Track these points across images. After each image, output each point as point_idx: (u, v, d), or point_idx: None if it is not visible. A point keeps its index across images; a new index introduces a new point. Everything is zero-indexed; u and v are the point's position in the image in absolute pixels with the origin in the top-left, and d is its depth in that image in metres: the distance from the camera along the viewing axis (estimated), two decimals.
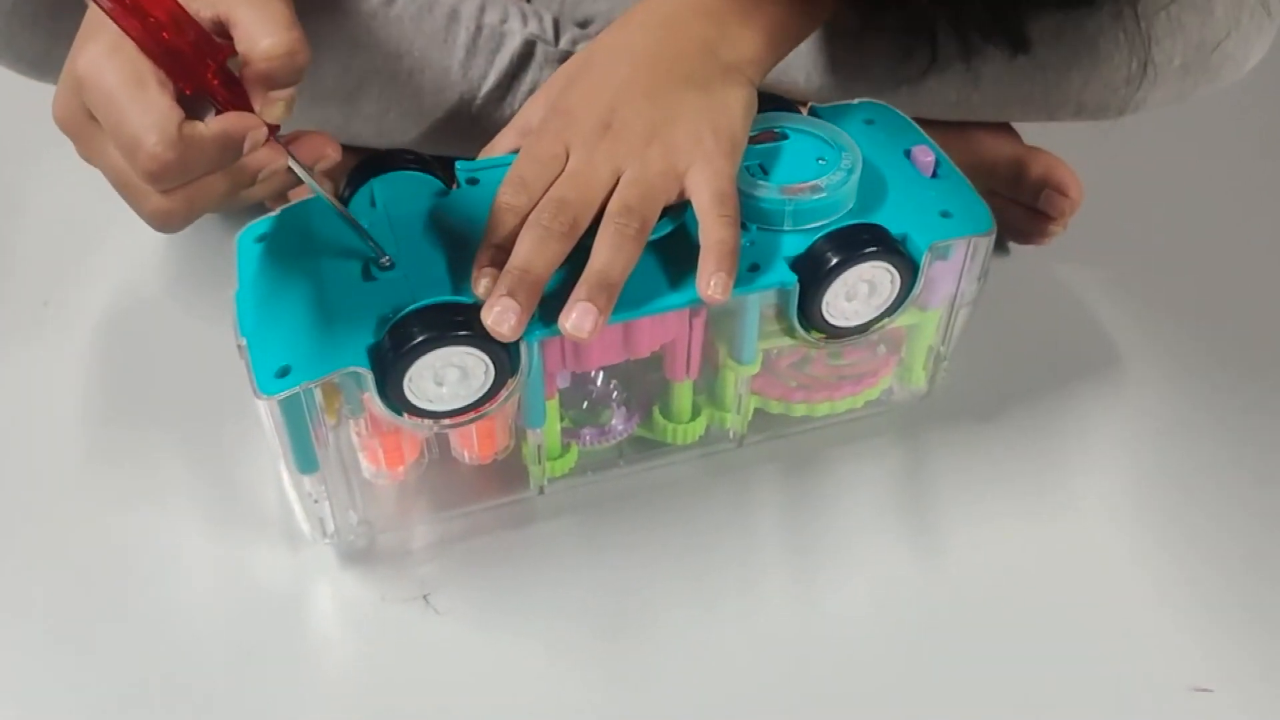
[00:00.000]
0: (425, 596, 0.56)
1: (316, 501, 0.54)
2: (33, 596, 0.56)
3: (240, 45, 0.42)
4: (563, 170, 0.51)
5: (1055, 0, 0.59)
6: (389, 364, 0.48)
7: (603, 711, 0.52)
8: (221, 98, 0.43)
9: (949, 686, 0.53)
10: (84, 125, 0.43)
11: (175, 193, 0.42)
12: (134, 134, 0.40)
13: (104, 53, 0.41)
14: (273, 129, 0.44)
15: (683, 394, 0.59)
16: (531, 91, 0.66)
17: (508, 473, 0.58)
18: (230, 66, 0.44)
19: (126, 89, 0.41)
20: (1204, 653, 0.55)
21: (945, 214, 0.56)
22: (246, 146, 0.43)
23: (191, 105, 0.42)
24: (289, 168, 0.46)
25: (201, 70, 0.43)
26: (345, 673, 0.54)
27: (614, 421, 0.60)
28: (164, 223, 0.43)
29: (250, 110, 0.43)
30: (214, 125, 0.42)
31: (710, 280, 0.49)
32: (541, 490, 0.59)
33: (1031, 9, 0.58)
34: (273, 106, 0.43)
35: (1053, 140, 0.73)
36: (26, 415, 0.65)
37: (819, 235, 0.53)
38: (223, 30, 0.43)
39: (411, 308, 0.49)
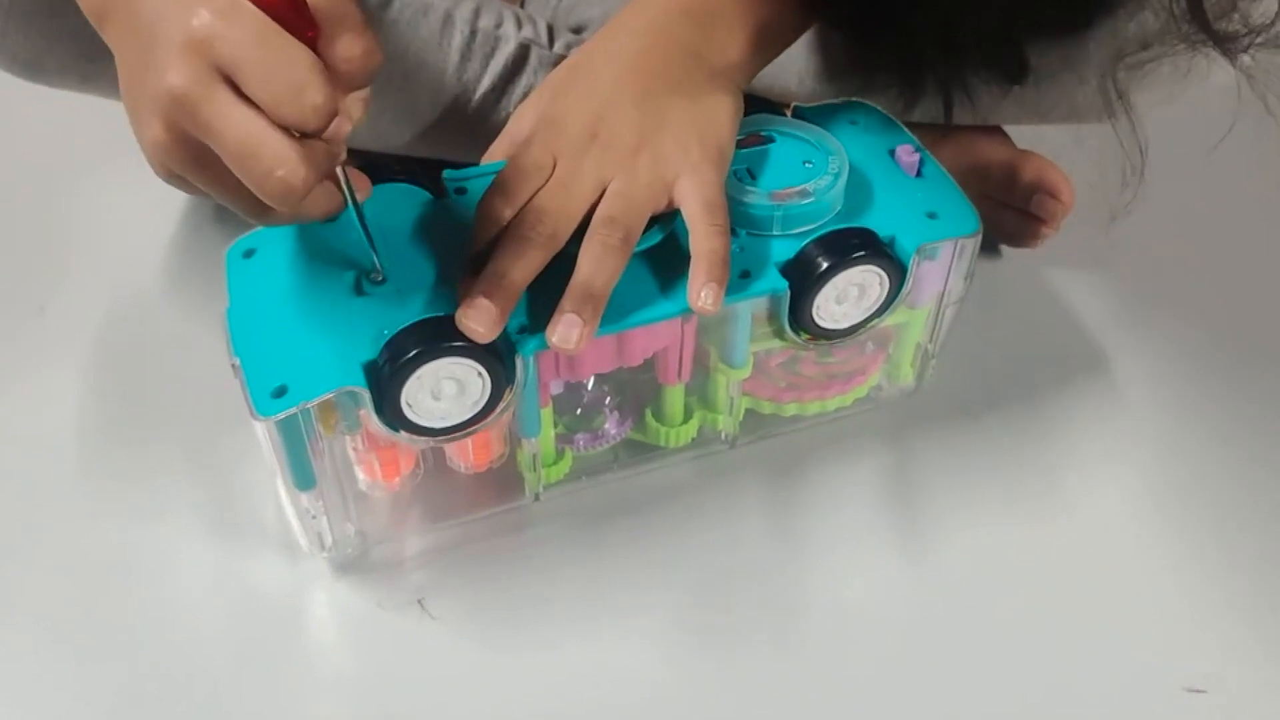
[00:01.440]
0: (421, 602, 0.56)
1: (314, 517, 0.54)
2: (29, 607, 0.56)
3: (322, 45, 0.41)
4: (548, 180, 0.52)
5: (1053, 31, 0.59)
6: (385, 379, 0.48)
7: (599, 715, 0.53)
8: None
9: (942, 686, 0.54)
10: (209, 88, 0.39)
11: (305, 151, 0.40)
12: (298, 76, 0.39)
13: (224, 10, 0.39)
14: None
15: (675, 397, 0.59)
16: (526, 95, 0.66)
17: (503, 480, 0.59)
18: None
19: (272, 37, 0.39)
20: (1197, 653, 0.55)
21: (932, 215, 0.56)
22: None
23: None
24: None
25: (303, 35, 0.41)
26: (342, 678, 0.54)
27: (607, 426, 0.60)
28: (295, 188, 0.40)
29: None
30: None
31: (701, 292, 0.49)
32: (537, 497, 0.59)
33: (1028, 40, 0.58)
34: (352, 107, 0.43)
35: (1044, 144, 0.73)
36: (22, 422, 0.64)
37: (808, 240, 0.54)
38: None
39: (406, 323, 0.49)
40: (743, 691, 0.54)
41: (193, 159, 0.42)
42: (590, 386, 0.60)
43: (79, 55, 0.63)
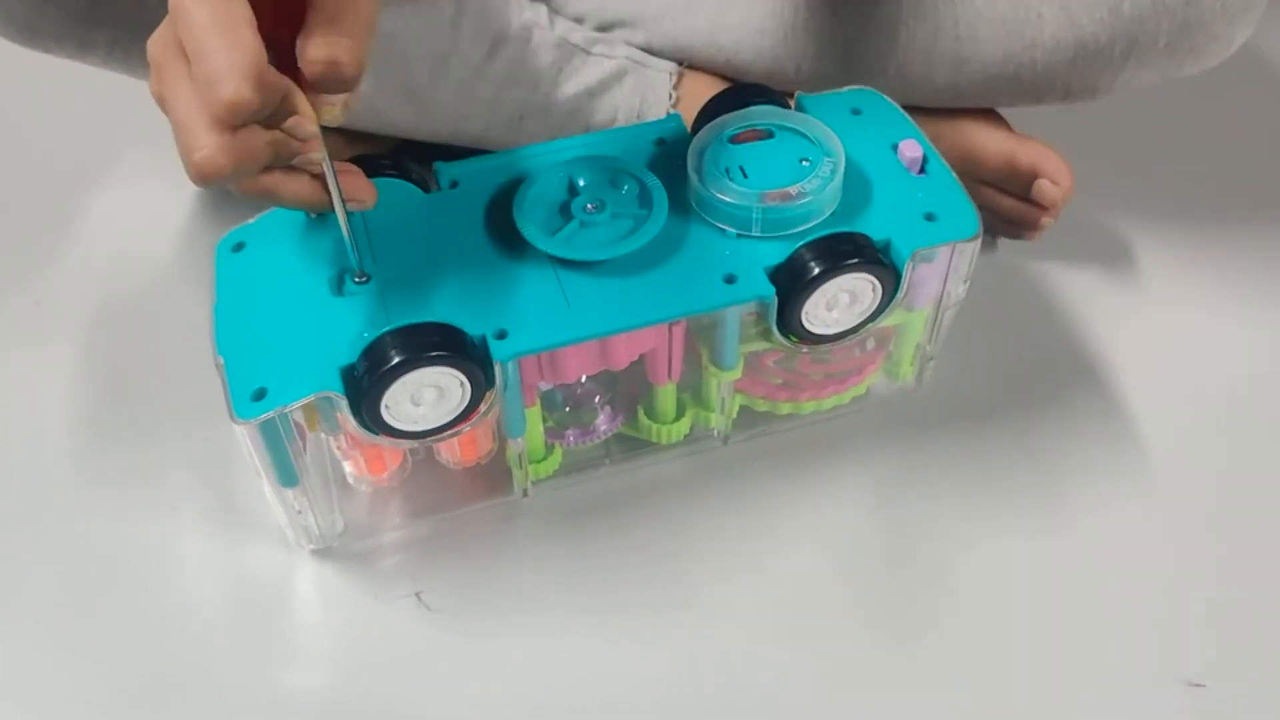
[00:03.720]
0: (417, 594, 0.57)
1: (300, 513, 0.54)
2: (19, 596, 0.57)
3: (299, 37, 0.41)
4: None
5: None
6: (364, 389, 0.48)
7: (595, 707, 0.53)
8: (284, 60, 0.42)
9: (941, 679, 0.54)
10: (170, 57, 0.41)
11: (230, 141, 0.40)
12: (222, 67, 0.39)
13: None
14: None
15: (666, 396, 0.58)
16: (537, 80, 0.65)
17: (492, 475, 0.59)
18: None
19: (222, 21, 0.39)
20: (1197, 647, 0.55)
21: (930, 217, 0.55)
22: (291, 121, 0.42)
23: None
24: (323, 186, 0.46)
25: (281, 22, 0.41)
26: (338, 671, 0.55)
27: (598, 422, 0.60)
28: (208, 173, 0.41)
29: None
30: (285, 78, 0.41)
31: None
32: (525, 493, 0.59)
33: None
34: (322, 108, 0.43)
35: (1044, 132, 0.71)
36: (17, 414, 0.65)
37: (799, 244, 0.53)
38: None
39: (384, 330, 0.48)
40: (732, 685, 0.54)
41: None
42: (582, 381, 0.59)
43: (75, 19, 0.62)
